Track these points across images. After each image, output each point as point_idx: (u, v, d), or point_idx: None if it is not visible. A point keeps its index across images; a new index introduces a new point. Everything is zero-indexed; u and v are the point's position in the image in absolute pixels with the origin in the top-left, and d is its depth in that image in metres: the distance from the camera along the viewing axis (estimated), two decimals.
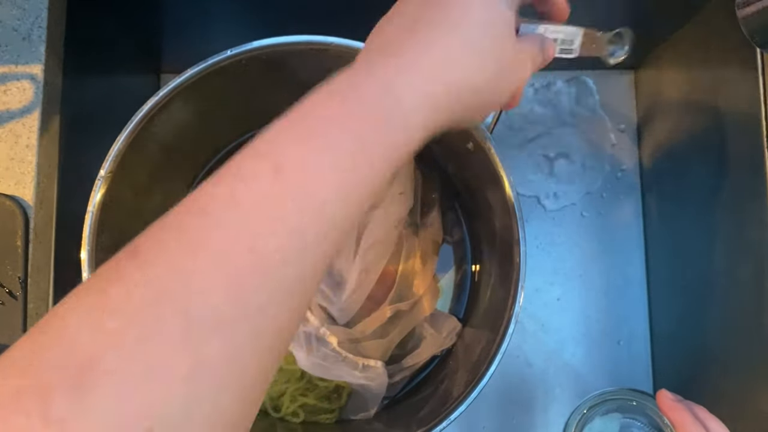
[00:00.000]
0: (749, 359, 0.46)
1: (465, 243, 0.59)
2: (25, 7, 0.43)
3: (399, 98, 0.25)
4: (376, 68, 0.26)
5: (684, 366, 0.57)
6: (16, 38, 0.43)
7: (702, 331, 0.54)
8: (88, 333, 0.18)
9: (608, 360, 0.62)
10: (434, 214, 0.57)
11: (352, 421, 0.54)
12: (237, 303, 0.20)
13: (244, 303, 0.20)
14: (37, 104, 0.42)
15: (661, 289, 0.61)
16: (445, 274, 0.59)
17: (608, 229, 0.63)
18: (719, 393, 0.51)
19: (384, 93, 0.25)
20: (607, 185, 0.64)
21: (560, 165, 0.63)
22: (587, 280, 0.62)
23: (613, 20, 0.43)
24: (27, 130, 0.42)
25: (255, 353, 0.20)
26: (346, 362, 0.51)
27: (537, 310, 0.62)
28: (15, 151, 0.42)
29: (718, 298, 0.51)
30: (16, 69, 0.43)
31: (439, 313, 0.56)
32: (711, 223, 0.51)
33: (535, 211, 0.63)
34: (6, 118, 0.42)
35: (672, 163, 0.59)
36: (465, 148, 0.48)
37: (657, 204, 0.62)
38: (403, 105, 0.25)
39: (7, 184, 0.42)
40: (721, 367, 0.51)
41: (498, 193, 0.45)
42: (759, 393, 0.45)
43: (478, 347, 0.47)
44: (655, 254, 0.62)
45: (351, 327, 0.53)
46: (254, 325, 0.20)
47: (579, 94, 0.64)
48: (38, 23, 0.43)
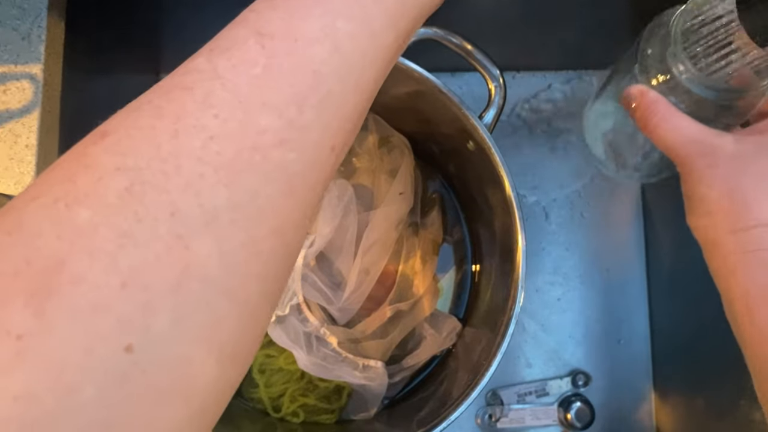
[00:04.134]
0: None
1: (465, 243, 0.59)
2: (24, 7, 0.43)
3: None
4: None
5: (684, 366, 0.57)
6: (16, 38, 0.43)
7: (702, 331, 0.54)
8: (52, 230, 0.15)
9: (608, 360, 0.62)
10: (434, 214, 0.57)
11: (353, 421, 0.54)
12: (229, 193, 0.17)
13: (238, 193, 0.17)
14: (37, 104, 0.42)
15: (661, 289, 0.61)
16: (445, 274, 0.59)
17: (608, 229, 0.63)
18: (719, 393, 0.51)
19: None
20: (607, 185, 0.64)
21: (560, 165, 0.63)
22: (587, 280, 0.62)
23: (612, 20, 0.43)
24: (27, 130, 0.42)
25: (253, 256, 0.17)
26: (347, 362, 0.51)
27: (537, 310, 0.62)
28: (15, 151, 0.42)
29: (718, 298, 0.51)
30: (15, 69, 0.43)
31: (439, 313, 0.56)
32: None
33: (535, 211, 0.63)
34: (5, 118, 0.42)
35: (672, 163, 0.58)
36: (465, 148, 0.48)
37: (657, 204, 0.62)
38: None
39: (6, 184, 0.42)
40: (721, 367, 0.51)
41: (498, 193, 0.45)
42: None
43: (478, 347, 0.47)
44: (655, 254, 0.62)
45: (351, 327, 0.53)
46: (251, 220, 0.17)
47: (579, 94, 0.64)
48: (38, 23, 0.43)
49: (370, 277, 0.52)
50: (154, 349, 0.15)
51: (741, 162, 0.32)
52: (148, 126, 0.17)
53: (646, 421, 0.61)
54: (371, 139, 0.55)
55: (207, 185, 0.17)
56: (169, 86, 0.18)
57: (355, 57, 0.20)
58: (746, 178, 0.32)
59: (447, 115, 0.45)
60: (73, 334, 0.14)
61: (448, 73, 0.63)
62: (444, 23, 0.44)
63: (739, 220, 0.31)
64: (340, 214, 0.51)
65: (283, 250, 0.19)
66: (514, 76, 0.63)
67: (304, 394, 0.53)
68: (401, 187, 0.53)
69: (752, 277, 0.31)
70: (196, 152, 0.17)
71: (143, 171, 0.16)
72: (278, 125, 0.18)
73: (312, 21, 0.19)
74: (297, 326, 0.51)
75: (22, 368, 0.14)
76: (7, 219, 0.16)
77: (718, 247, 0.33)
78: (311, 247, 0.51)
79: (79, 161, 0.16)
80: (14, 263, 0.15)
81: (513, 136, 0.63)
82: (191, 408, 0.16)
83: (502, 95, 0.45)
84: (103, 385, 0.15)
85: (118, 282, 0.15)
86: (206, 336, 0.16)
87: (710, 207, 0.32)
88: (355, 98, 0.20)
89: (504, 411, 0.59)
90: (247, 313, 0.18)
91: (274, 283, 0.19)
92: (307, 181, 0.19)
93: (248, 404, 0.54)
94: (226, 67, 0.18)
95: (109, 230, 0.15)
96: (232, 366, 0.18)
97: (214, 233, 0.16)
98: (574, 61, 0.63)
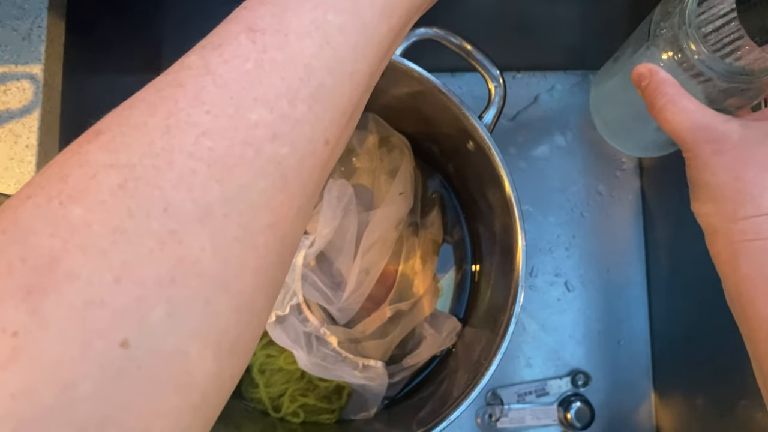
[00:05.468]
0: (749, 359, 0.46)
1: (465, 243, 0.59)
2: (25, 7, 0.43)
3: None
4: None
5: (684, 366, 0.57)
6: (16, 38, 0.43)
7: (702, 331, 0.54)
8: (46, 228, 0.15)
9: (608, 360, 0.62)
10: (434, 214, 0.57)
11: (353, 421, 0.54)
12: (222, 188, 0.17)
13: (231, 188, 0.17)
14: (37, 104, 0.42)
15: (661, 289, 0.61)
16: (445, 274, 0.59)
17: (608, 229, 0.63)
18: (719, 393, 0.51)
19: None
20: (607, 185, 0.64)
21: (560, 164, 0.63)
22: (587, 280, 0.62)
23: (612, 20, 0.43)
24: (27, 130, 0.42)
25: (248, 250, 0.17)
26: (347, 362, 0.51)
27: (537, 310, 0.62)
28: (15, 151, 0.42)
29: (718, 298, 0.51)
30: (15, 69, 0.43)
31: (439, 313, 0.56)
32: None
33: (535, 211, 0.63)
34: (6, 118, 0.42)
35: (672, 163, 0.59)
36: (465, 148, 0.48)
37: (657, 204, 0.62)
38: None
39: (6, 184, 0.42)
40: (721, 367, 0.51)
41: (498, 193, 0.45)
42: (759, 393, 0.45)
43: (478, 347, 0.47)
44: (655, 254, 0.62)
45: (351, 327, 0.53)
46: (244, 215, 0.17)
47: (579, 94, 0.64)
48: (38, 23, 0.43)
49: (370, 277, 0.52)
50: (149, 343, 0.15)
51: (746, 150, 0.32)
52: (141, 123, 0.17)
53: (646, 421, 0.61)
54: (371, 139, 0.55)
55: (199, 180, 0.17)
56: (162, 84, 0.18)
57: (347, 49, 0.20)
58: (751, 166, 0.32)
59: (447, 115, 0.45)
60: (68, 330, 0.14)
61: (448, 73, 0.63)
62: (444, 23, 0.44)
63: (742, 208, 0.31)
64: (340, 214, 0.51)
65: (279, 244, 0.19)
66: (514, 76, 0.63)
67: (304, 394, 0.53)
68: (401, 187, 0.53)
69: (753, 265, 0.31)
70: (188, 148, 0.17)
71: (136, 167, 0.16)
72: (270, 119, 0.18)
73: (302, 15, 0.19)
74: (297, 326, 0.51)
75: (18, 365, 0.14)
76: (1, 218, 0.16)
77: (719, 235, 0.33)
78: (311, 247, 0.51)
79: (73, 159, 0.17)
80: (9, 261, 0.15)
81: (514, 135, 0.63)
82: (190, 401, 0.16)
83: (502, 95, 0.45)
84: (100, 380, 0.15)
85: (111, 277, 0.15)
86: (202, 330, 0.16)
87: (713, 194, 0.32)
88: (349, 91, 0.20)
89: (504, 411, 0.59)
90: (243, 306, 0.18)
91: (270, 278, 0.19)
92: (301, 175, 0.19)
93: (248, 404, 0.54)
94: (218, 63, 0.18)
95: (102, 227, 0.15)
96: (230, 359, 0.18)
97: (208, 228, 0.17)
98: (574, 61, 0.63)
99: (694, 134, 0.32)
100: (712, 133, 0.32)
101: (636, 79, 0.34)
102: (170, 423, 0.16)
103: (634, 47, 0.40)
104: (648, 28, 0.37)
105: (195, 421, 0.17)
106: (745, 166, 0.32)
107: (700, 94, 0.34)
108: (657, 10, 0.36)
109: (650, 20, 0.37)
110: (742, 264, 0.32)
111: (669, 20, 0.35)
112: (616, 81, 0.44)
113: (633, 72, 0.35)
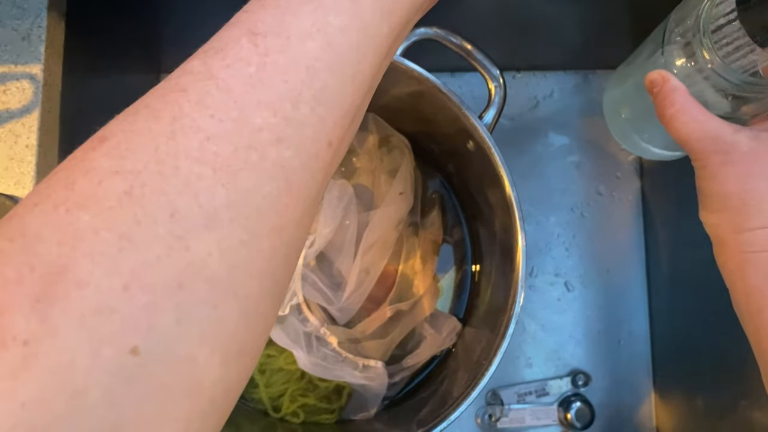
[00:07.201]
0: (749, 359, 0.46)
1: (465, 243, 0.59)
2: (24, 7, 0.43)
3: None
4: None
5: (684, 366, 0.57)
6: (16, 38, 0.43)
7: (702, 332, 0.54)
8: (53, 236, 0.15)
9: (608, 360, 0.62)
10: (434, 214, 0.57)
11: (353, 421, 0.54)
12: (228, 193, 0.17)
13: (237, 192, 0.17)
14: (37, 104, 0.42)
15: (661, 289, 0.61)
16: (445, 274, 0.59)
17: (608, 229, 0.63)
18: (719, 393, 0.51)
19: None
20: (607, 185, 0.64)
21: (561, 164, 0.63)
22: (587, 281, 0.62)
23: (613, 20, 0.43)
24: (27, 130, 0.42)
25: (254, 254, 0.17)
26: (347, 362, 0.51)
27: (537, 310, 0.62)
28: (15, 151, 0.42)
29: (718, 299, 0.51)
30: (15, 69, 0.43)
31: (439, 313, 0.56)
32: None
33: (535, 211, 0.63)
34: (5, 118, 0.42)
35: (672, 163, 0.59)
36: (465, 148, 0.48)
37: (657, 204, 0.62)
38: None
39: (6, 184, 0.42)
40: (721, 367, 0.51)
41: (498, 193, 0.45)
42: (759, 393, 0.45)
43: (478, 347, 0.47)
44: (655, 254, 0.62)
45: (351, 327, 0.53)
46: (250, 219, 0.17)
47: (580, 94, 0.64)
48: (38, 23, 0.43)
49: (370, 277, 0.52)
50: (159, 349, 0.15)
51: (755, 161, 0.32)
52: (145, 129, 0.17)
53: (646, 421, 0.61)
54: (371, 139, 0.55)
55: (205, 185, 0.17)
56: (165, 89, 0.18)
57: (348, 50, 0.20)
58: (759, 178, 0.32)
59: (447, 115, 0.45)
60: (78, 337, 0.14)
61: (448, 73, 0.63)
62: (444, 23, 0.44)
63: (749, 219, 0.31)
64: (340, 214, 0.51)
65: (285, 248, 0.19)
66: (514, 76, 0.63)
67: (304, 394, 0.53)
68: (401, 187, 0.53)
69: (760, 276, 0.31)
70: (194, 153, 0.17)
71: (141, 173, 0.16)
72: (274, 123, 0.18)
73: (303, 17, 0.19)
74: (297, 326, 0.51)
75: (29, 374, 0.14)
76: (9, 226, 0.16)
77: (726, 245, 0.33)
78: (311, 247, 0.51)
79: (79, 167, 0.17)
80: (18, 269, 0.15)
81: (514, 135, 0.63)
82: (199, 406, 0.17)
83: (502, 95, 0.45)
84: (110, 387, 0.15)
85: (120, 284, 0.15)
86: (210, 335, 0.17)
87: (721, 204, 0.32)
88: (352, 92, 0.20)
89: (504, 411, 0.59)
90: (250, 311, 0.18)
91: (276, 281, 0.19)
92: (305, 178, 0.19)
93: (248, 404, 0.54)
94: (221, 68, 0.18)
95: (109, 233, 0.15)
96: (237, 364, 0.18)
97: (214, 233, 0.17)
98: (574, 61, 0.63)
99: (703, 144, 0.32)
100: (721, 144, 0.32)
101: (648, 85, 0.35)
102: (180, 429, 0.16)
103: (648, 52, 0.39)
104: (663, 33, 0.37)
105: (204, 426, 0.17)
106: (753, 177, 0.32)
107: (715, 101, 0.34)
108: (671, 17, 0.36)
109: (665, 26, 0.37)
110: (750, 275, 0.31)
111: (683, 26, 0.35)
112: (630, 85, 0.44)
113: (646, 78, 0.35)
